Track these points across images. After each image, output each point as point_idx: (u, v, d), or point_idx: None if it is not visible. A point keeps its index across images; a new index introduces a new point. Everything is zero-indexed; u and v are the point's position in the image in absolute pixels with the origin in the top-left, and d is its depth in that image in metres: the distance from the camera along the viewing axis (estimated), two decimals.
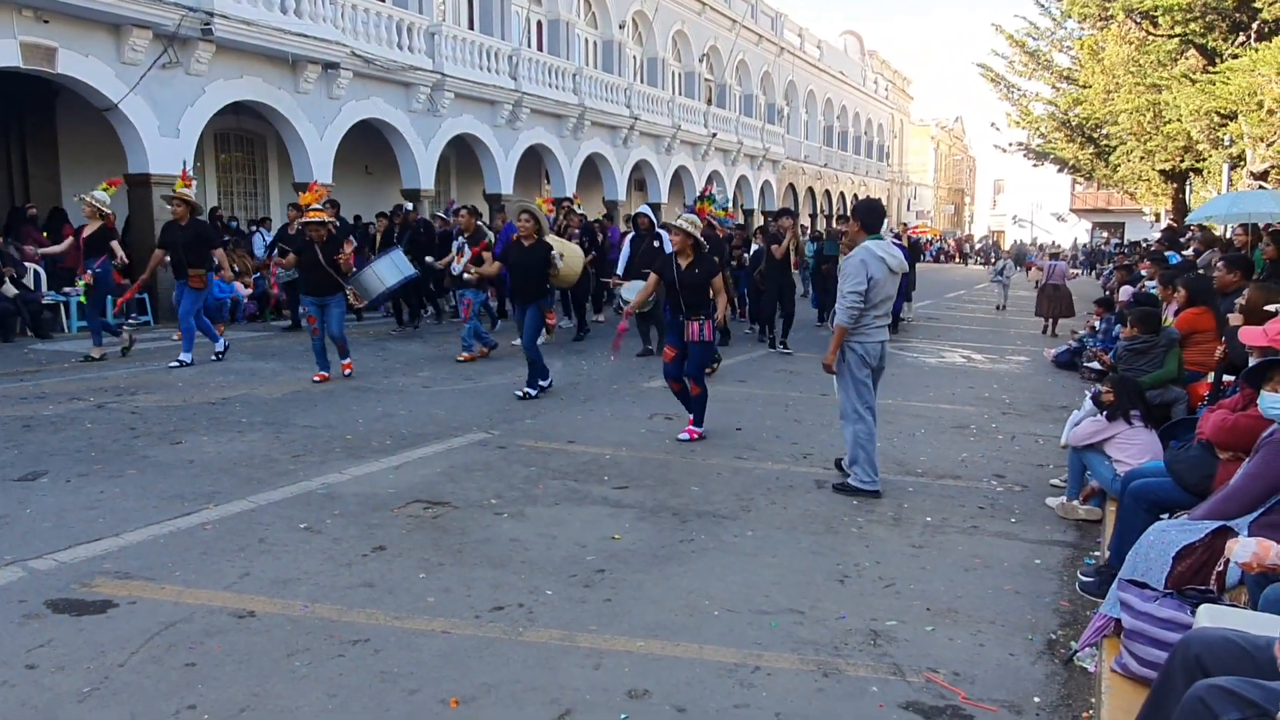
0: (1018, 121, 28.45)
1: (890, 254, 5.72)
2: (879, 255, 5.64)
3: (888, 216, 8.62)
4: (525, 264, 8.46)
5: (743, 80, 36.30)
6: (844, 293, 5.63)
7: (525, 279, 8.48)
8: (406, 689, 3.23)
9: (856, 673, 3.47)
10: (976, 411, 8.75)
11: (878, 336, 5.79)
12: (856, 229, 5.83)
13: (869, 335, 5.75)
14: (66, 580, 4.06)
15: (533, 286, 8.48)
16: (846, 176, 47.74)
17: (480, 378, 9.58)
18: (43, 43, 12.34)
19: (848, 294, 5.61)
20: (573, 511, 5.29)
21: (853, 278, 5.60)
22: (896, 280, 5.83)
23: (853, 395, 5.79)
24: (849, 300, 5.60)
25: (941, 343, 14.52)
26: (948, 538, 5.05)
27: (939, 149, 70.15)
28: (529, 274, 8.41)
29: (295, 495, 5.43)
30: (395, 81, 18.14)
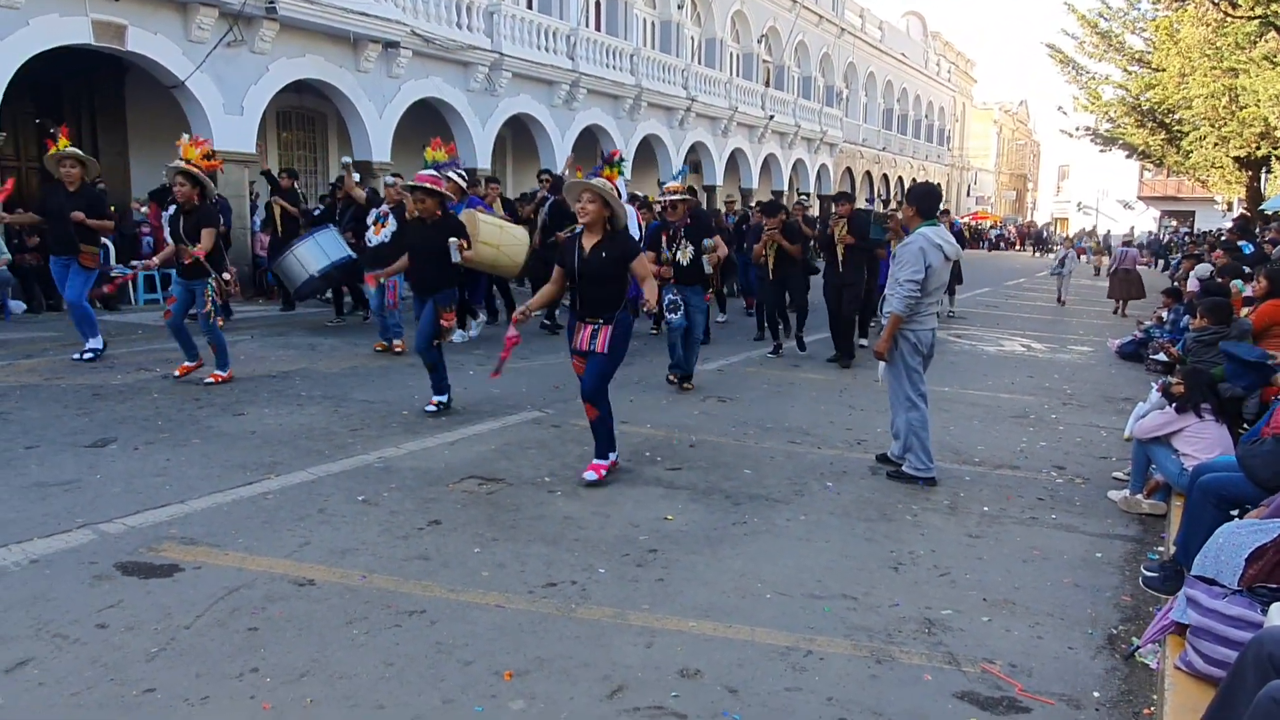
0: (1086, 105, 27.70)
1: (947, 241, 5.63)
2: (936, 243, 5.53)
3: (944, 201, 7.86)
4: (421, 247, 6.99)
5: (801, 62, 35.84)
6: (900, 280, 5.49)
7: (422, 265, 7.00)
8: (461, 660, 3.27)
9: (910, 660, 3.43)
10: (1036, 401, 8.58)
11: (929, 324, 5.71)
12: (912, 214, 5.71)
13: (921, 323, 5.66)
14: (135, 544, 4.18)
15: (431, 275, 6.97)
16: (905, 160, 46.96)
17: (535, 357, 9.63)
18: (113, 20, 12.63)
19: (904, 282, 5.48)
20: (625, 491, 5.30)
21: (910, 265, 5.48)
22: (949, 268, 5.77)
23: (905, 383, 5.70)
24: (906, 289, 5.48)
25: (1000, 331, 14.25)
26: (1005, 528, 4.97)
27: (1002, 133, 68.62)
28: (426, 259, 6.95)
29: (353, 468, 5.52)
30: (454, 61, 18.24)
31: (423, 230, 7.00)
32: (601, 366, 5.39)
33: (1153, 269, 33.56)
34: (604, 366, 5.39)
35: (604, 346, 5.34)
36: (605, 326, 5.33)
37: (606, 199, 5.32)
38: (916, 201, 5.73)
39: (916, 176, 48.78)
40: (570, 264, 5.42)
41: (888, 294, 5.68)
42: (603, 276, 5.32)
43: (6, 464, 5.32)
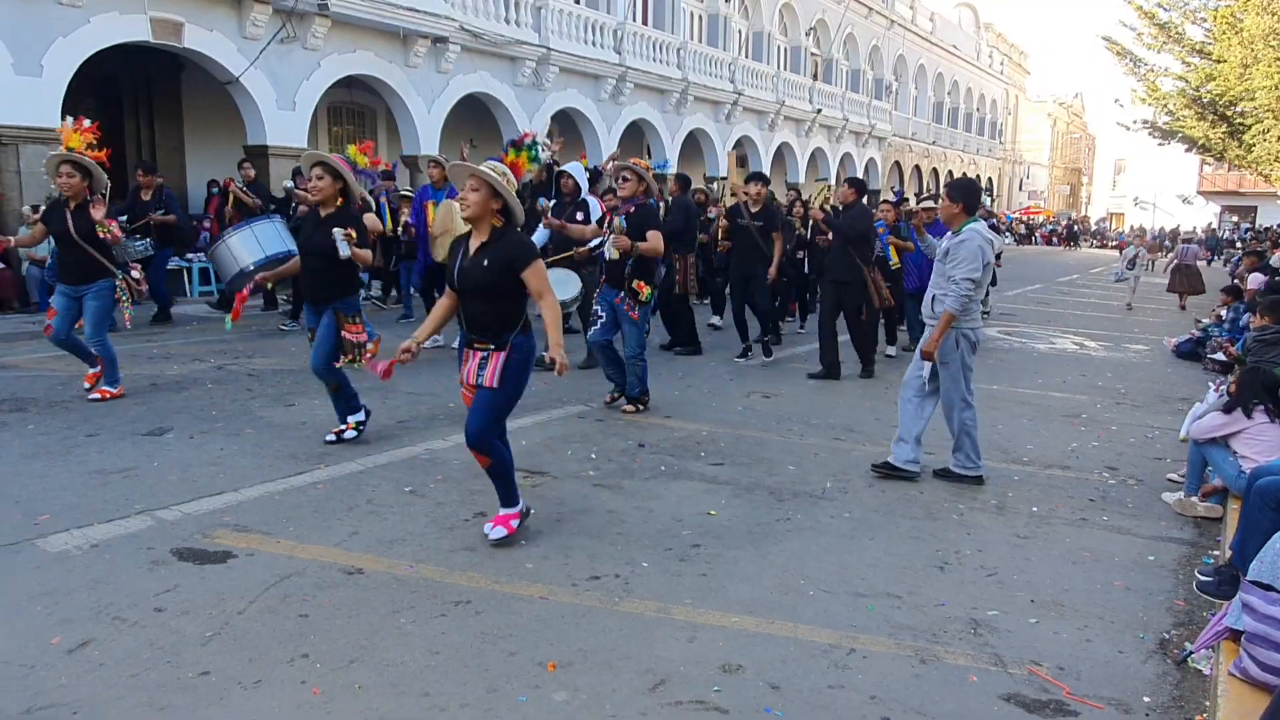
0: (1144, 98, 27.03)
1: (992, 236, 5.59)
2: (988, 238, 5.44)
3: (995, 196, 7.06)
4: (313, 243, 5.67)
5: (850, 55, 35.48)
6: (957, 279, 5.31)
7: (314, 267, 5.68)
8: (505, 650, 3.31)
9: (955, 661, 3.40)
10: (1088, 400, 8.42)
11: (980, 321, 5.70)
12: (958, 210, 5.49)
13: (976, 320, 5.58)
14: (190, 530, 4.29)
15: (325, 279, 5.66)
16: (956, 154, 46.29)
17: (580, 352, 9.66)
18: (171, 18, 12.91)
19: (962, 280, 5.30)
20: (669, 486, 5.31)
21: (969, 263, 5.31)
22: None
23: (961, 382, 5.58)
24: (964, 287, 5.31)
25: (1052, 328, 14.01)
26: (1054, 529, 4.89)
27: (1056, 126, 67.31)
28: (319, 259, 5.62)
29: (400, 459, 5.60)
30: (501, 56, 18.36)
31: (316, 223, 5.68)
32: (490, 404, 4.16)
33: (1208, 265, 32.76)
34: (493, 404, 4.17)
35: (494, 379, 4.13)
36: (496, 354, 4.13)
37: (495, 188, 4.11)
38: (962, 197, 5.53)
39: (967, 171, 48.07)
40: (450, 271, 4.27)
41: (938, 293, 5.50)
42: (486, 288, 4.09)
43: (68, 451, 5.48)
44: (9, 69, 11.34)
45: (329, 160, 5.67)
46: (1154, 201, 62.18)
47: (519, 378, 4.22)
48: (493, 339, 4.14)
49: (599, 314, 7.05)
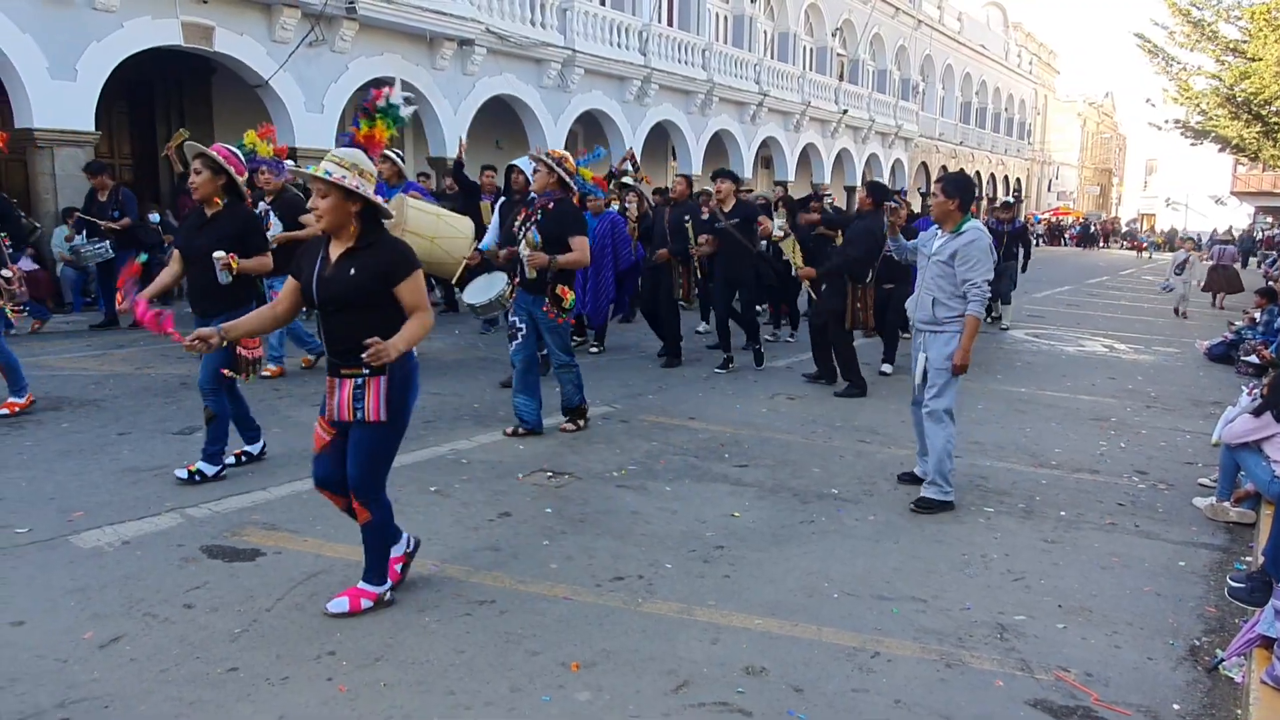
0: (1176, 97, 26.67)
1: None
2: (989, 236, 5.14)
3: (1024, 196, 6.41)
4: (195, 247, 4.96)
5: (877, 55, 35.28)
6: (975, 282, 4.97)
7: (198, 274, 4.96)
8: (529, 650, 3.32)
9: (981, 666, 3.38)
10: (1118, 404, 8.33)
11: None
12: (953, 207, 5.09)
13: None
14: (220, 528, 4.34)
15: (211, 289, 4.94)
16: (984, 155, 45.91)
17: (609, 353, 9.69)
18: (202, 22, 13.08)
19: (980, 284, 4.97)
20: (693, 487, 5.31)
21: (983, 264, 4.99)
22: None
23: (954, 395, 5.21)
24: (983, 290, 4.98)
25: (1081, 330, 13.86)
26: (1083, 534, 4.84)
27: (1085, 126, 66.59)
28: (203, 266, 4.91)
29: (426, 459, 5.64)
30: (527, 58, 18.43)
31: (199, 225, 4.99)
32: (374, 442, 3.49)
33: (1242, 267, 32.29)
34: (378, 442, 3.50)
35: (377, 412, 3.44)
36: (374, 379, 3.42)
37: (347, 187, 3.31)
38: (958, 193, 5.11)
39: (995, 172, 47.68)
40: (306, 280, 3.52)
41: (939, 296, 5.07)
42: (354, 302, 3.41)
43: (101, 449, 5.57)
44: (44, 73, 11.54)
45: (208, 153, 4.87)
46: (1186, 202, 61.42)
47: (405, 406, 3.53)
48: (365, 362, 3.32)
49: (516, 326, 6.14)
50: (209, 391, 5.00)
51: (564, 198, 6.03)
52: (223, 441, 5.09)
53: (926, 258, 5.21)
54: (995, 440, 6.71)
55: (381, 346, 3.26)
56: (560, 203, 5.99)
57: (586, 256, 6.08)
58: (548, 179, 5.95)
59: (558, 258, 5.88)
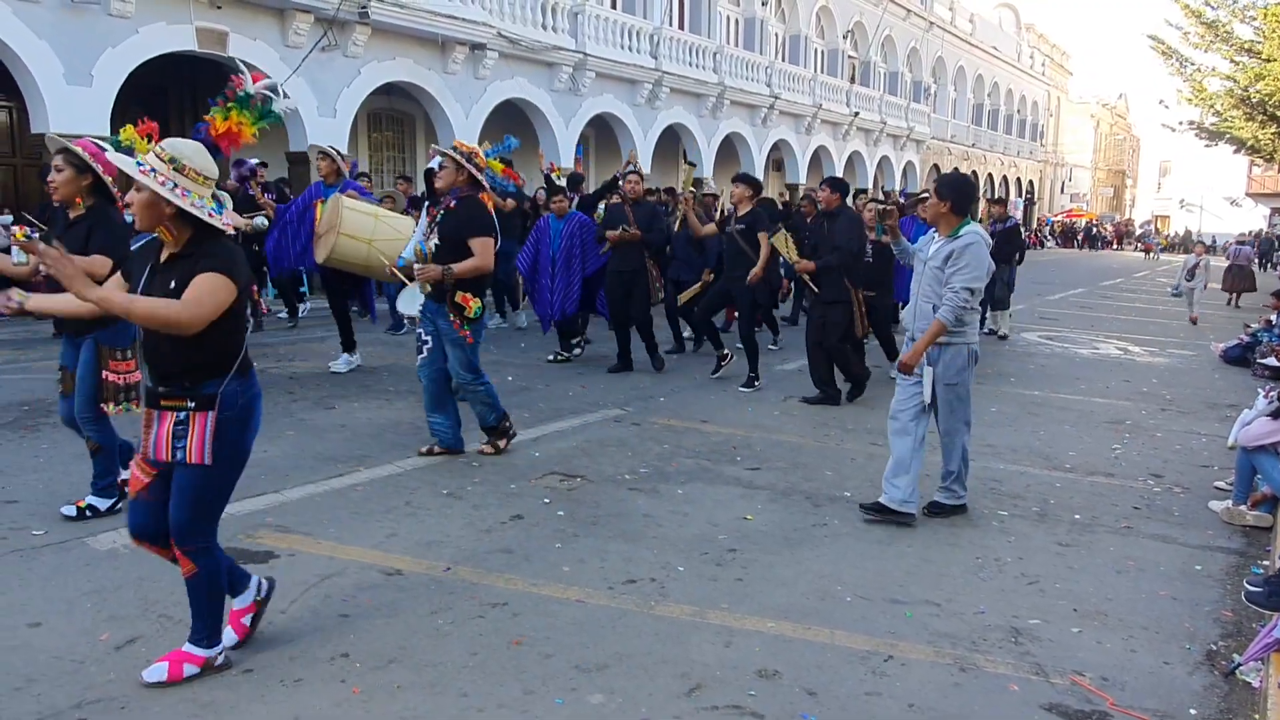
0: (1190, 98, 26.50)
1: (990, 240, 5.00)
2: (989, 243, 4.88)
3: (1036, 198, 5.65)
4: None
5: (888, 57, 35.23)
6: (957, 287, 4.65)
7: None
8: (542, 653, 3.33)
9: (995, 670, 3.36)
10: (1133, 406, 8.28)
11: (978, 336, 5.08)
12: (945, 209, 4.80)
13: (974, 334, 4.97)
14: (234, 531, 4.35)
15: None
16: (996, 157, 45.77)
17: (616, 356, 9.68)
18: (216, 28, 13.17)
19: (961, 290, 4.65)
20: (705, 490, 5.30)
21: (972, 270, 4.68)
22: None
23: (969, 405, 5.04)
24: (962, 297, 4.66)
25: (1095, 333, 13.79)
26: (1098, 537, 4.82)
27: (1099, 128, 66.29)
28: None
29: (438, 462, 5.65)
30: (539, 61, 18.47)
31: (63, 229, 4.37)
32: (199, 487, 3.00)
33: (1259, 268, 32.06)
34: (203, 487, 3.01)
35: (201, 454, 2.95)
36: (200, 414, 2.95)
37: (154, 186, 2.84)
38: (950, 195, 4.79)
39: (1007, 173, 47.52)
40: (133, 287, 3.02)
41: (938, 304, 4.76)
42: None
43: None
44: (60, 79, 11.63)
45: (72, 148, 4.25)
46: (1200, 204, 61.00)
47: (240, 445, 3.06)
48: (189, 391, 2.94)
49: (422, 338, 5.65)
50: (88, 420, 4.41)
51: (470, 195, 5.46)
52: (114, 474, 4.54)
53: (923, 263, 4.96)
54: (1009, 443, 6.68)
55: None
56: (465, 201, 5.42)
57: (489, 261, 5.38)
58: (455, 175, 5.42)
59: (453, 266, 5.28)
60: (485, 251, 5.35)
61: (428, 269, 5.33)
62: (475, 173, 5.45)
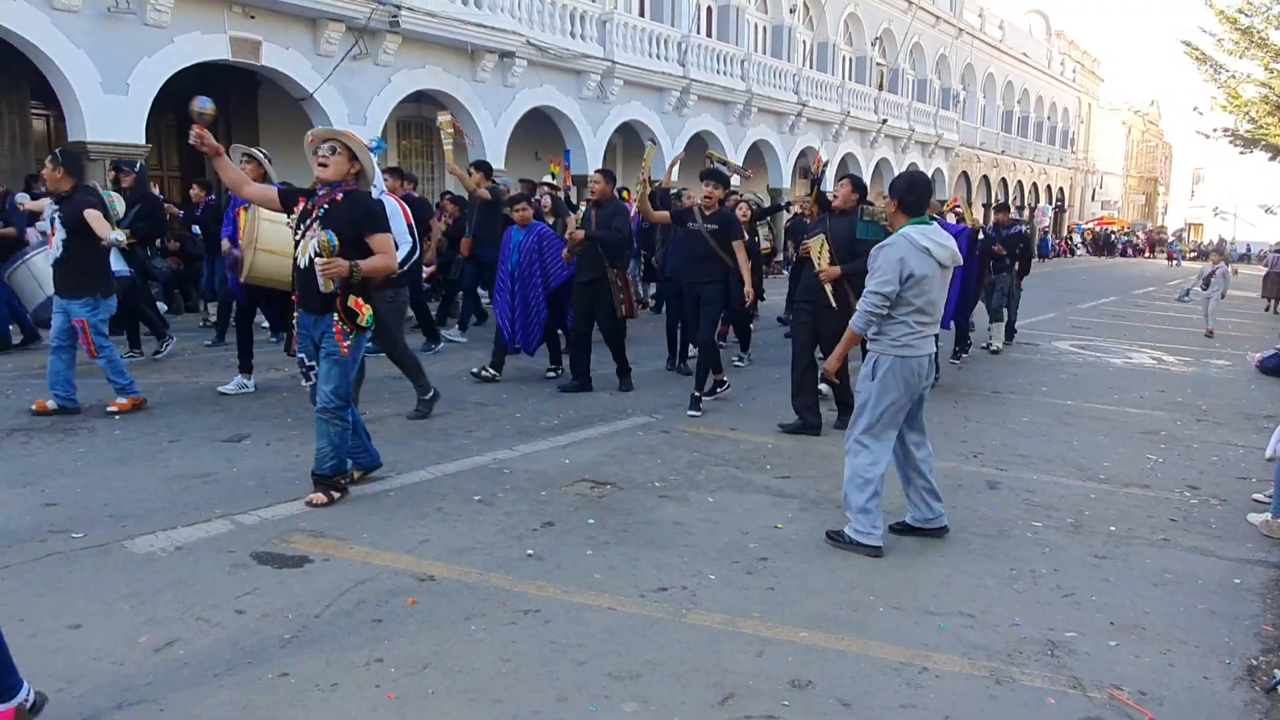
0: (1224, 105, 26.19)
1: (939, 243, 4.42)
2: (922, 245, 4.36)
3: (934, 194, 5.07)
4: None
5: (917, 64, 35.08)
6: (867, 291, 4.43)
7: None
8: (575, 660, 3.33)
9: (1032, 682, 3.33)
10: (1167, 417, 8.17)
11: (927, 349, 4.51)
12: (894, 209, 4.54)
13: (915, 346, 4.46)
14: (268, 535, 4.40)
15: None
16: (1025, 164, 45.39)
17: (645, 362, 9.69)
18: (249, 37, 13.35)
19: (870, 294, 4.40)
20: (735, 498, 5.29)
21: (882, 274, 4.37)
22: (946, 277, 4.52)
23: (870, 415, 4.51)
24: (870, 302, 4.40)
25: (1128, 342, 13.63)
26: (1134, 549, 4.76)
27: (1130, 135, 65.54)
28: None
29: (469, 468, 5.68)
30: (567, 69, 18.57)
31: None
32: None
33: None
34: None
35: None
36: None
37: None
38: (899, 194, 4.52)
39: (1037, 181, 47.12)
40: None
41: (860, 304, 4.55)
42: None
43: (152, 456, 5.68)
44: (97, 88, 11.83)
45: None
46: (1234, 212, 60.16)
47: None
48: None
49: (304, 362, 4.95)
50: None
51: (356, 189, 4.86)
52: None
53: None
54: (1042, 453, 6.61)
55: None
56: (352, 195, 4.79)
57: (393, 260, 4.89)
58: (348, 166, 4.81)
59: (360, 263, 4.65)
60: (388, 248, 4.81)
61: (334, 263, 4.56)
62: (367, 165, 4.91)
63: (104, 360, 6.64)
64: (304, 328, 4.86)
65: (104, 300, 6.64)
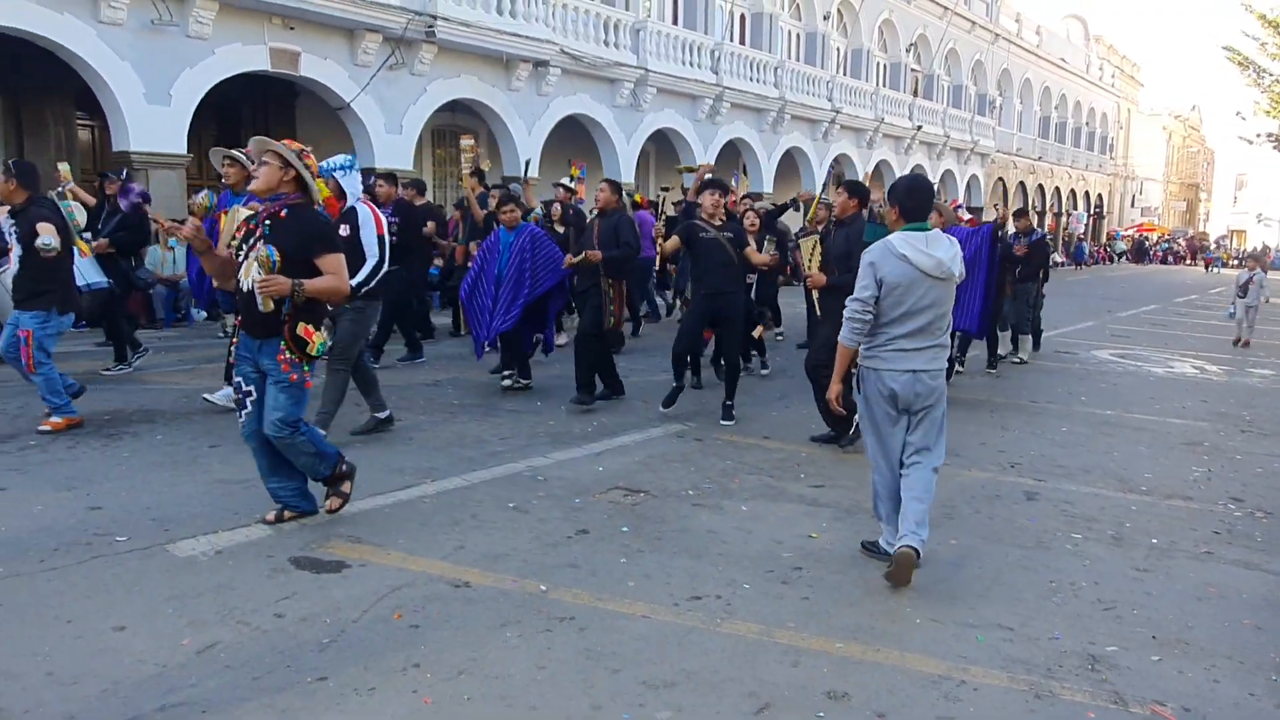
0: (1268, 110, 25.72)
1: (923, 251, 4.12)
2: (899, 253, 4.12)
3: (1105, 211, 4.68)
4: None
5: (952, 70, 34.83)
6: (849, 300, 4.28)
7: None
8: (610, 668, 3.33)
9: (1072, 697, 3.28)
10: (1210, 427, 8.03)
11: (905, 364, 4.20)
12: (895, 216, 4.30)
13: (891, 360, 4.22)
14: (307, 540, 4.45)
15: None
16: (1063, 170, 44.87)
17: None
18: (288, 48, 13.57)
19: (849, 300, 4.25)
20: (769, 507, 5.27)
21: (860, 280, 4.23)
22: (941, 289, 4.17)
23: (869, 436, 4.48)
24: (849, 309, 4.23)
25: (1169, 351, 13.41)
26: (1176, 563, 4.67)
27: (1171, 140, 64.60)
28: None
29: (504, 475, 5.71)
30: (601, 78, 18.67)
31: None
32: None
33: None
34: None
35: None
36: None
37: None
38: (899, 199, 4.27)
39: (1075, 187, 46.56)
40: None
41: None
42: None
43: (194, 461, 5.77)
44: (141, 98, 12.09)
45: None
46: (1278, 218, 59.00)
47: None
48: None
49: (242, 387, 4.53)
50: None
51: (301, 203, 4.47)
52: None
53: None
54: (1081, 464, 6.52)
55: None
56: (298, 210, 4.42)
57: (344, 282, 4.49)
58: (280, 175, 4.41)
59: (304, 283, 4.29)
60: (339, 271, 4.43)
61: (273, 281, 4.21)
62: (307, 176, 4.47)
63: (41, 378, 6.35)
64: (246, 350, 4.48)
65: (58, 315, 6.44)
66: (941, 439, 4.39)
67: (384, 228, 6.33)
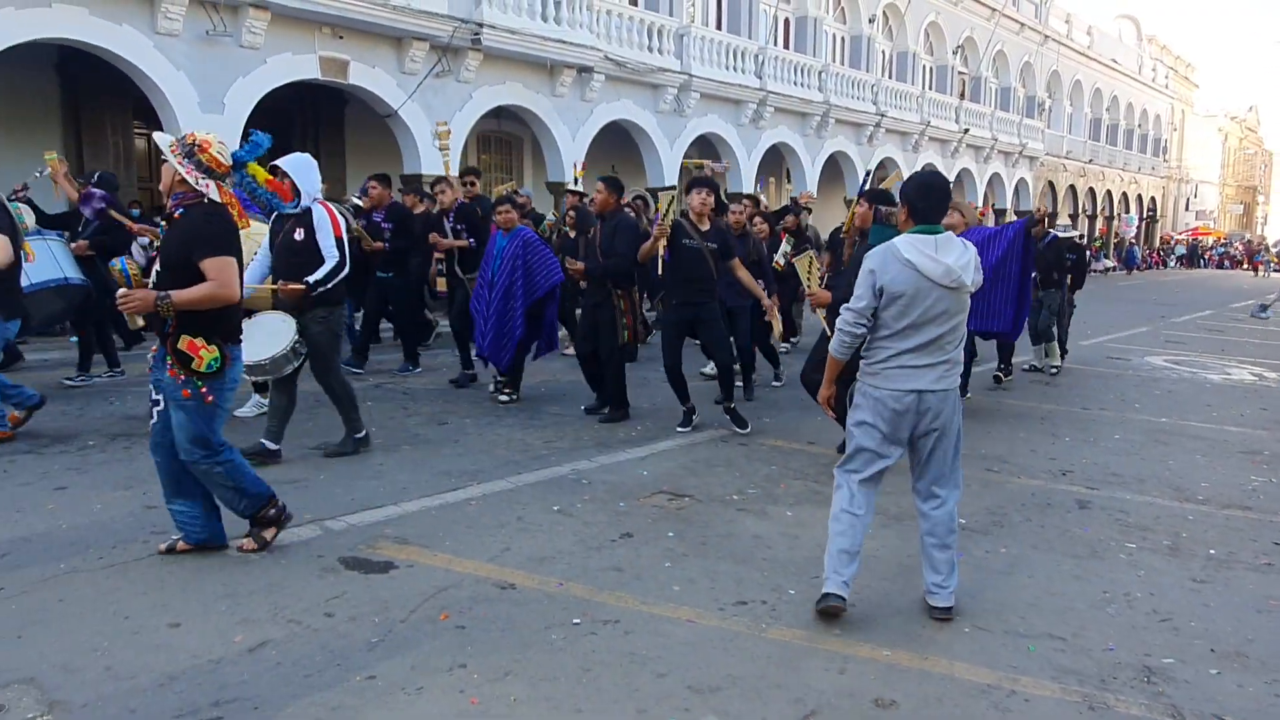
0: None
1: (935, 256, 3.65)
2: (905, 258, 3.66)
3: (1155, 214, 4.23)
4: None
5: (1000, 72, 34.36)
6: (842, 309, 3.87)
7: None
8: (655, 672, 3.33)
9: (1127, 710, 3.21)
10: (1270, 436, 7.82)
11: (909, 383, 3.74)
12: (904, 216, 3.86)
13: (893, 379, 3.76)
14: (355, 541, 4.52)
15: None
16: (1115, 173, 44.02)
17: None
18: (338, 57, 13.78)
19: (844, 309, 3.82)
20: (814, 513, 5.23)
21: (855, 287, 3.80)
22: (952, 299, 3.69)
23: (849, 447, 4.02)
24: (842, 319, 3.80)
25: (1226, 357, 13.08)
26: (1235, 574, 4.55)
27: (1227, 142, 63.09)
28: None
29: (548, 479, 5.73)
30: (644, 84, 18.70)
31: None
32: None
33: None
34: None
35: None
36: None
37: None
38: (909, 199, 3.81)
39: (1127, 190, 45.67)
40: None
41: None
42: None
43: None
44: (195, 107, 12.35)
45: None
46: None
47: None
48: None
49: (152, 395, 4.22)
50: None
51: (198, 203, 4.05)
52: None
53: None
54: (1135, 473, 6.39)
55: None
56: (192, 210, 4.04)
57: (231, 289, 4.01)
58: (174, 173, 4.06)
59: (173, 294, 3.89)
60: (223, 275, 3.97)
61: (130, 296, 3.90)
62: (196, 174, 4.03)
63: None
64: (156, 360, 4.14)
65: (3, 321, 6.26)
66: (958, 467, 3.96)
67: (341, 229, 5.84)
